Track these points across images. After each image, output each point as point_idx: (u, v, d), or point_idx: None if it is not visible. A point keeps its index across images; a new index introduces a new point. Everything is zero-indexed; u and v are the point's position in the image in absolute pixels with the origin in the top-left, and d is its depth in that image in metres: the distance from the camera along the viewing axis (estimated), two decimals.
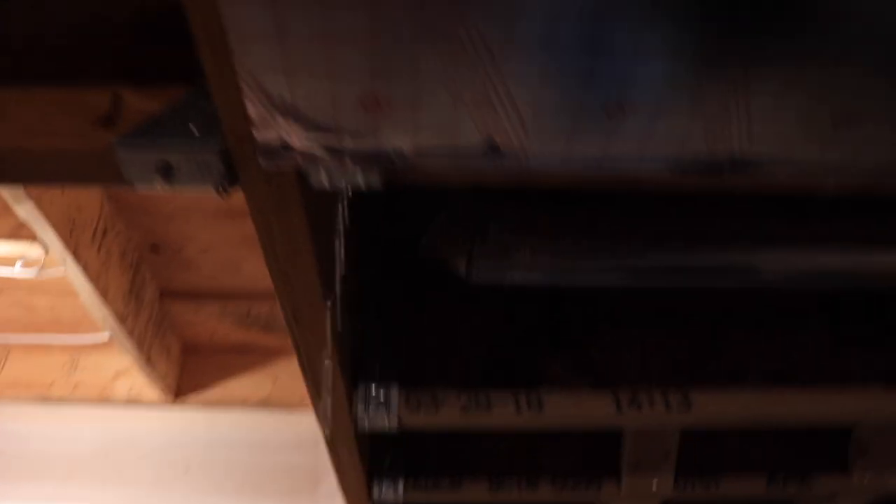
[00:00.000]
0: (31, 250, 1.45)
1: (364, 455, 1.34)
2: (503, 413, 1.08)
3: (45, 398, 1.92)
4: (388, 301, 1.16)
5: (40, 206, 1.27)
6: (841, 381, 1.17)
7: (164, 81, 0.64)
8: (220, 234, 1.66)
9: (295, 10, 0.50)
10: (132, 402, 1.93)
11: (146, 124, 0.63)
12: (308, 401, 2.00)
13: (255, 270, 1.77)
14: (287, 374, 1.93)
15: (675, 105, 0.58)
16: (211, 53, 0.53)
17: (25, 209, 1.27)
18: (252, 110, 0.57)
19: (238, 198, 1.86)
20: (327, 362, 0.97)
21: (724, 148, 0.60)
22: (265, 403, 1.90)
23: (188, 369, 1.99)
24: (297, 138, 0.59)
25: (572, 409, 1.08)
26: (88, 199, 1.44)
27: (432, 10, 0.49)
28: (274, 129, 0.59)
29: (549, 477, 1.40)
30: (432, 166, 0.63)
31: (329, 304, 0.86)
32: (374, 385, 1.08)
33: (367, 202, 1.04)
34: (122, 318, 1.58)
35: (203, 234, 1.66)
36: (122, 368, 1.92)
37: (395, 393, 1.08)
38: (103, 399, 1.93)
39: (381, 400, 1.08)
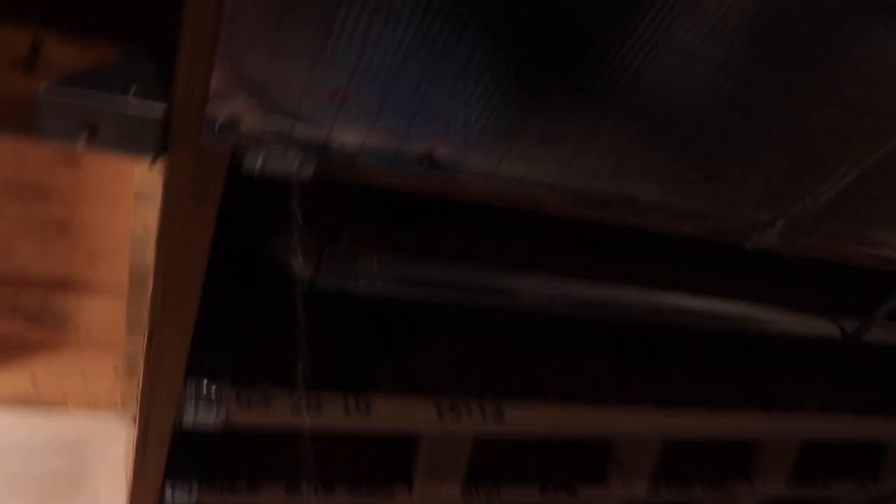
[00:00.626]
0: None
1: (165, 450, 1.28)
2: (333, 414, 1.10)
3: None
4: (225, 301, 1.14)
5: None
6: (622, 401, 1.36)
7: (97, 34, 0.61)
8: None
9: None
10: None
11: (75, 76, 0.59)
12: (67, 400, 1.85)
13: (28, 256, 1.61)
14: (47, 371, 1.75)
15: (597, 142, 0.67)
16: (199, 18, 0.52)
17: None
18: (216, 82, 0.57)
19: (31, 171, 1.71)
20: (173, 351, 0.94)
21: (619, 185, 0.71)
22: (21, 401, 1.70)
23: None
24: (251, 118, 0.60)
25: (398, 414, 1.13)
26: None
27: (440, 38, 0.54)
28: (230, 105, 0.58)
29: (344, 482, 1.43)
30: (368, 167, 0.66)
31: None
32: (206, 381, 1.05)
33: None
34: None
35: None
36: None
37: (226, 389, 1.06)
38: None
39: (213, 396, 1.05)
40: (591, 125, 0.61)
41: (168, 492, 1.35)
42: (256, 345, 1.14)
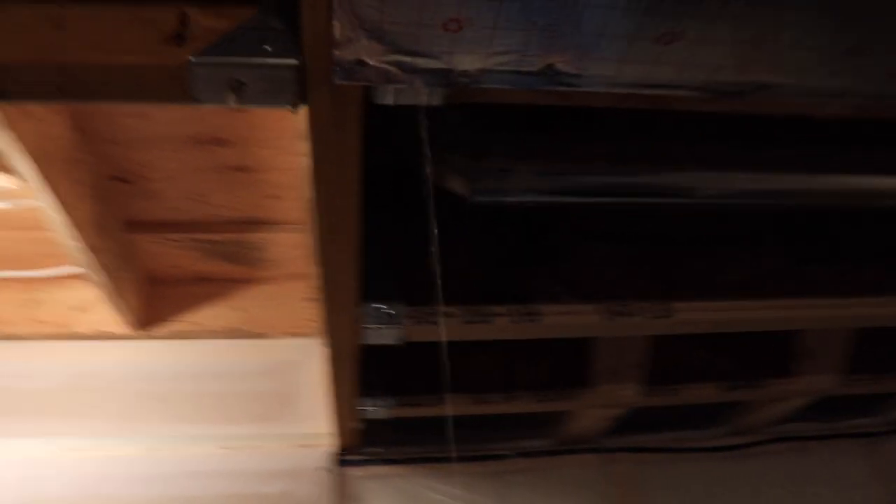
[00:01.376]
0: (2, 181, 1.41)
1: (357, 372, 1.40)
2: (502, 325, 1.15)
3: (8, 335, 1.88)
4: (390, 227, 1.21)
5: (20, 133, 1.24)
6: (795, 293, 1.30)
7: (231, 1, 0.66)
8: (187, 164, 1.65)
9: None
10: (97, 335, 1.91)
11: (218, 42, 0.65)
12: (276, 329, 2.04)
13: (222, 200, 1.77)
14: (253, 304, 1.95)
15: (716, 35, 0.64)
16: None
17: (4, 139, 1.24)
18: (338, 30, 0.60)
19: (208, 125, 1.84)
20: (343, 278, 1.02)
21: (750, 74, 0.68)
22: (232, 333, 1.92)
23: (154, 301, 1.98)
24: (374, 59, 0.63)
25: (566, 320, 1.16)
26: (59, 128, 1.41)
27: None
28: (354, 49, 0.62)
29: (525, 388, 1.50)
30: (493, 88, 0.67)
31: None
32: (382, 303, 1.13)
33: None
34: (95, 250, 1.56)
35: (170, 163, 1.64)
36: (85, 302, 1.90)
37: (400, 311, 1.14)
38: (68, 334, 1.91)
39: (388, 318, 1.13)
40: (705, 19, 0.58)
41: (365, 406, 1.49)
42: (424, 265, 1.21)
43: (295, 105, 0.68)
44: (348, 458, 1.72)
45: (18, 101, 0.69)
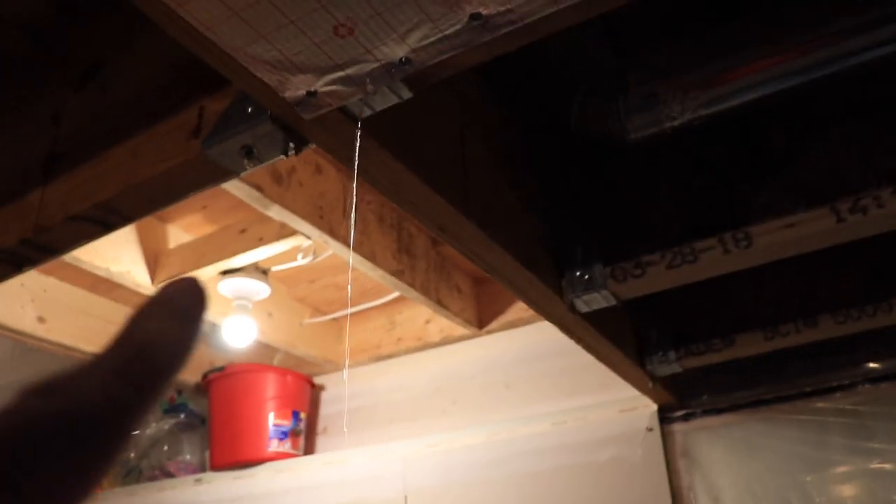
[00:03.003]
0: (303, 241, 1.70)
1: (624, 334, 1.36)
2: (712, 259, 1.02)
3: (378, 357, 2.23)
4: (567, 182, 1.16)
5: (285, 204, 1.49)
6: None
7: (225, 83, 0.74)
8: None
9: None
10: (445, 341, 2.15)
11: (217, 123, 0.74)
12: None
13: None
14: None
15: None
16: (214, 60, 0.61)
17: (275, 211, 1.50)
18: (268, 79, 0.64)
19: None
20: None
21: None
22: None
23: (484, 300, 2.15)
24: (314, 85, 0.65)
25: (785, 235, 0.98)
26: (327, 183, 1.64)
27: None
28: (293, 85, 0.65)
29: (828, 310, 1.28)
30: (436, 57, 0.64)
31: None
32: (577, 270, 1.09)
33: (497, 93, 1.06)
34: (397, 274, 1.78)
35: None
36: (430, 314, 2.15)
37: (599, 270, 1.09)
38: (422, 345, 2.18)
39: (589, 281, 1.09)
40: None
41: (648, 364, 1.42)
42: (613, 216, 1.13)
43: (298, 149, 0.73)
44: (671, 414, 1.64)
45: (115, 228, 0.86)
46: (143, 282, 1.98)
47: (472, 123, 0.94)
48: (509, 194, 1.01)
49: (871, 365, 1.47)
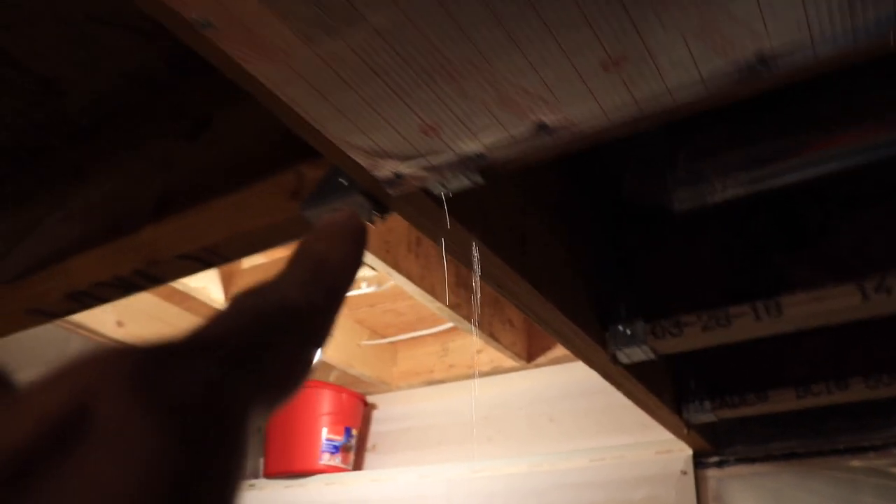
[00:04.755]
0: (368, 271, 1.83)
1: (662, 383, 1.45)
2: (744, 325, 1.11)
3: (429, 381, 2.34)
4: (615, 245, 1.26)
5: None
6: None
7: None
8: None
9: (340, 90, 0.68)
10: (496, 371, 2.25)
11: (315, 189, 0.87)
12: None
13: None
14: None
15: None
16: (315, 140, 0.74)
17: None
18: (361, 161, 0.77)
19: None
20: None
21: None
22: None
23: (534, 334, 2.25)
24: (400, 168, 0.77)
25: (813, 308, 1.06)
26: (394, 221, 1.77)
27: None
28: (382, 167, 0.77)
29: (860, 374, 1.35)
30: (506, 154, 0.75)
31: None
32: (620, 325, 1.19)
33: (557, 165, 1.17)
34: (454, 307, 1.89)
35: None
36: (482, 345, 2.26)
37: (640, 327, 1.18)
38: (472, 373, 2.29)
39: (630, 336, 1.18)
40: None
41: (685, 412, 1.50)
42: (656, 277, 1.23)
43: (383, 216, 0.85)
44: (705, 459, 1.71)
45: (215, 266, 1.00)
46: (216, 297, 2.14)
47: (533, 195, 1.05)
48: (562, 255, 1.12)
49: None
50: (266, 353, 0.26)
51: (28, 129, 1.35)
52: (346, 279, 0.30)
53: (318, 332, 0.28)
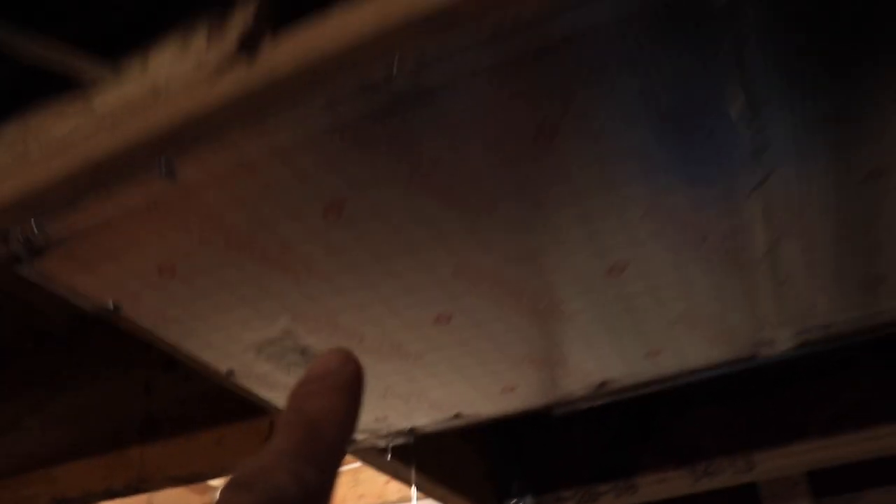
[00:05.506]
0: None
1: None
2: (606, 501, 1.45)
3: None
4: (510, 437, 1.59)
5: None
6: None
7: None
8: None
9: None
10: (402, 500, 2.51)
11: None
12: None
13: None
14: None
15: None
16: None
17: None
18: None
19: None
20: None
21: None
22: None
23: None
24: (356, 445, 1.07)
25: (658, 487, 1.42)
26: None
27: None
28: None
29: None
30: (444, 427, 1.06)
31: None
32: (514, 499, 1.51)
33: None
34: None
35: None
36: (389, 478, 2.51)
37: (528, 501, 1.51)
38: (382, 503, 2.54)
39: None
40: None
41: None
42: (543, 460, 1.56)
43: None
44: None
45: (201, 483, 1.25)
46: None
47: None
48: (470, 452, 1.44)
49: None
50: None
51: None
52: (342, 442, 0.28)
53: None
